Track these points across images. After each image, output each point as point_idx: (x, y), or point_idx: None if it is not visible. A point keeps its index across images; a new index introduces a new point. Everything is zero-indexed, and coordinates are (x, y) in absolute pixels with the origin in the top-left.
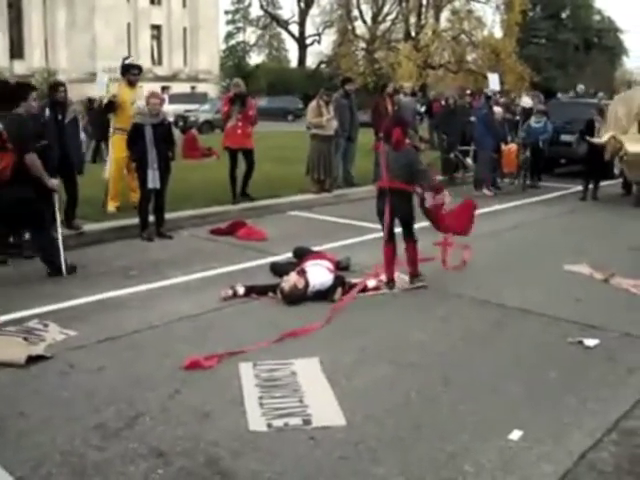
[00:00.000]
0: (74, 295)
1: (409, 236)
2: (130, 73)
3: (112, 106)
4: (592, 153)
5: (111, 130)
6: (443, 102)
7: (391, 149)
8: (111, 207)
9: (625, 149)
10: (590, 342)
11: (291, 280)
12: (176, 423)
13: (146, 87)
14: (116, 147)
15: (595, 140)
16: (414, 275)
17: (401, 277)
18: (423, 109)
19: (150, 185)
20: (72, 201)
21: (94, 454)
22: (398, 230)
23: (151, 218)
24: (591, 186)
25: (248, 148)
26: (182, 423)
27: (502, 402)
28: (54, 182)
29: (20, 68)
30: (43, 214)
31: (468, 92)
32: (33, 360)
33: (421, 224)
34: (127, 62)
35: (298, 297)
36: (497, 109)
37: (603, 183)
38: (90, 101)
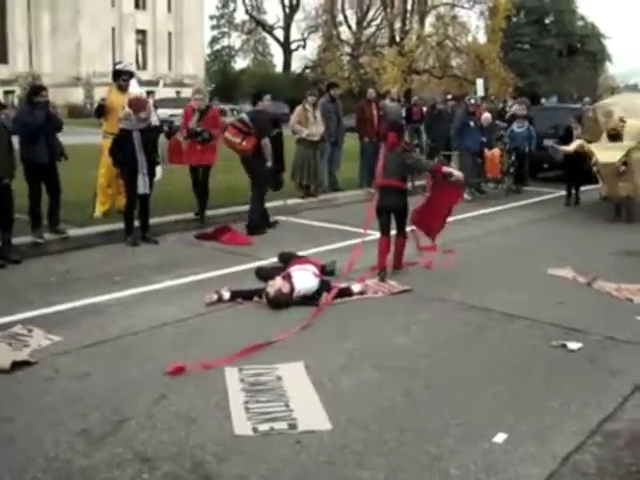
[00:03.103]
0: (59, 300)
1: (401, 231)
2: (121, 78)
3: (102, 110)
4: (570, 159)
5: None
6: (425, 108)
7: (387, 151)
8: (98, 212)
9: (595, 159)
10: (573, 345)
11: (276, 285)
12: (161, 428)
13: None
14: (106, 151)
15: (562, 148)
16: (397, 268)
17: (388, 282)
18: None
19: (141, 190)
20: (55, 204)
21: (79, 459)
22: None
23: (136, 223)
24: (573, 191)
25: (207, 164)
26: (167, 428)
27: (486, 405)
28: None
29: (4, 73)
30: None
31: (449, 97)
32: (18, 365)
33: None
34: (118, 67)
35: (283, 302)
36: (486, 115)
37: (587, 188)
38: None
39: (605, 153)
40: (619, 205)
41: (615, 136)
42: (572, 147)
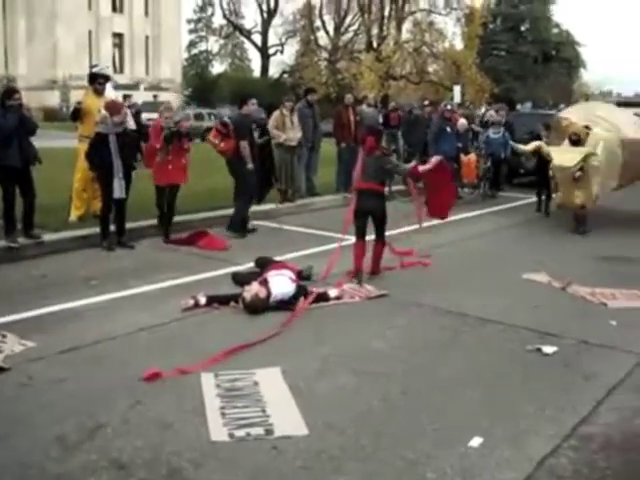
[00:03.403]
0: (33, 305)
1: (380, 236)
2: (97, 82)
3: (78, 114)
4: (541, 165)
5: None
6: (401, 113)
7: (365, 155)
8: (73, 216)
9: (552, 162)
10: (548, 349)
11: (253, 290)
12: (137, 434)
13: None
14: (82, 155)
15: (520, 147)
16: (374, 273)
17: (365, 287)
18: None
19: (116, 195)
20: (29, 208)
21: (54, 466)
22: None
23: (112, 227)
24: (543, 197)
25: (177, 184)
26: (143, 434)
27: (462, 409)
28: None
29: None
30: None
31: (426, 103)
32: None
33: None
34: (94, 70)
35: (260, 307)
36: (462, 120)
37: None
38: (129, 107)
39: (563, 156)
40: (577, 216)
41: (576, 141)
42: (530, 147)
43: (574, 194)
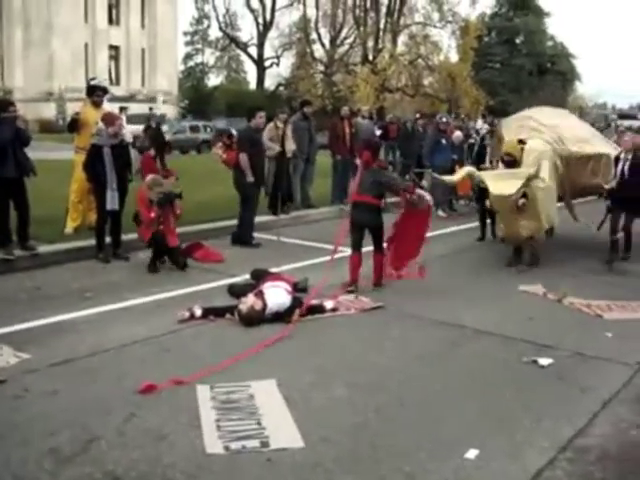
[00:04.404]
0: (28, 317)
1: (378, 248)
2: (95, 94)
3: (75, 125)
4: (482, 189)
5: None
6: (396, 125)
7: (362, 168)
8: (69, 228)
9: (489, 191)
10: (544, 361)
11: (249, 302)
12: (132, 447)
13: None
14: (78, 167)
15: (444, 178)
16: (377, 285)
17: (361, 299)
18: (379, 132)
19: (109, 206)
20: (23, 220)
21: (48, 478)
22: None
23: (107, 239)
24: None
25: (171, 247)
26: (138, 446)
27: (458, 421)
28: None
29: None
30: None
31: (418, 116)
32: None
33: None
34: (93, 83)
35: (256, 319)
36: (457, 133)
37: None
38: (148, 119)
39: (499, 184)
40: (519, 248)
41: (511, 162)
42: (457, 177)
43: (519, 225)
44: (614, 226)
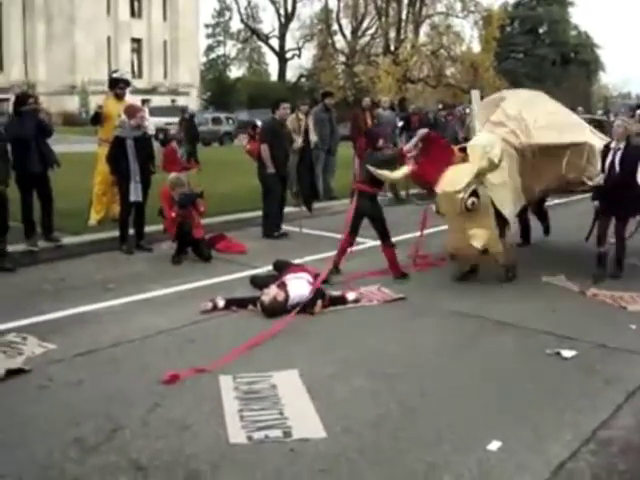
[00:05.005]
0: (53, 308)
1: (385, 240)
2: (117, 87)
3: (98, 118)
4: None
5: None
6: (418, 116)
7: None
8: (93, 220)
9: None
10: (567, 353)
11: (271, 293)
12: (156, 436)
13: (128, 99)
14: (102, 159)
15: (384, 173)
16: (398, 277)
17: (382, 290)
18: (401, 124)
19: (132, 198)
20: (47, 212)
21: (73, 468)
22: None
23: (131, 231)
24: None
25: (196, 239)
26: (162, 436)
27: (480, 413)
28: None
29: None
30: None
31: (440, 107)
32: (12, 374)
33: (398, 237)
34: (115, 75)
35: (278, 310)
36: None
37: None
38: (183, 111)
39: (444, 181)
40: (475, 267)
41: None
42: (399, 174)
43: (468, 234)
44: (601, 234)
